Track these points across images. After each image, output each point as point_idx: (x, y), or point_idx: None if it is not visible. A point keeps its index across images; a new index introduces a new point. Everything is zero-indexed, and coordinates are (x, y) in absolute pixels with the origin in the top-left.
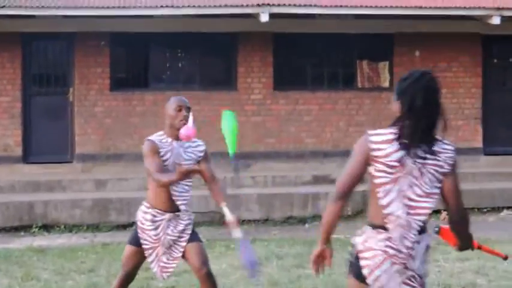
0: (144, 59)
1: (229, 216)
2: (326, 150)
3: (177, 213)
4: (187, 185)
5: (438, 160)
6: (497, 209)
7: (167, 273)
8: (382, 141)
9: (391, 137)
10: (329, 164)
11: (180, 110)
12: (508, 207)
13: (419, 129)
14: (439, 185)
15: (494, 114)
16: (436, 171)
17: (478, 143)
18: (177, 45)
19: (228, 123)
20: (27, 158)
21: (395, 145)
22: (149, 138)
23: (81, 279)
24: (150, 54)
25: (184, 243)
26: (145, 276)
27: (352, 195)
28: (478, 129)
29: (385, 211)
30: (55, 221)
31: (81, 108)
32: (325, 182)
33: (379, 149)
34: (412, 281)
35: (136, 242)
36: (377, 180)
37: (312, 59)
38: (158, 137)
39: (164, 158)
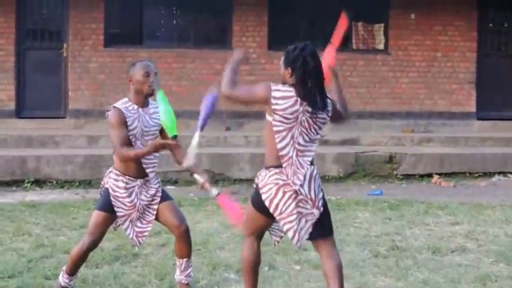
0: (138, 16)
1: (199, 178)
2: None
3: (147, 178)
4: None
5: (323, 113)
6: (489, 174)
7: (143, 238)
8: (281, 97)
9: (289, 94)
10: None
11: (148, 76)
12: (500, 173)
13: (310, 89)
14: (321, 132)
15: (488, 79)
16: (321, 122)
17: (472, 108)
18: (172, 2)
19: (163, 105)
20: (20, 112)
21: (291, 101)
22: (115, 105)
23: (72, 235)
24: (145, 11)
25: (156, 206)
26: None
27: (345, 158)
28: (471, 93)
29: (280, 153)
30: (47, 176)
31: (75, 63)
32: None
33: (277, 104)
34: (304, 204)
35: (108, 208)
36: (275, 128)
37: (307, 20)
38: (124, 104)
39: (131, 126)
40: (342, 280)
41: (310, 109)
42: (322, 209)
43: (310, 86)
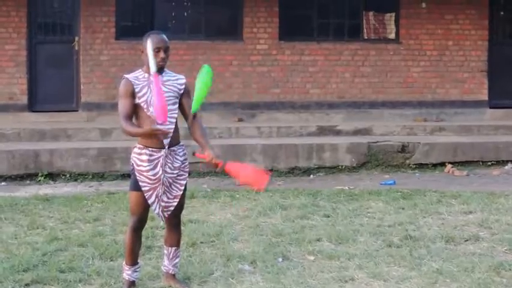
0: (149, 8)
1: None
2: (331, 101)
3: (172, 148)
4: (172, 117)
5: None
6: (502, 162)
7: (168, 212)
8: None
9: None
10: (334, 115)
11: (158, 51)
12: None
13: None
14: None
15: (500, 67)
16: None
17: (484, 96)
18: None
19: (203, 76)
20: (32, 106)
21: None
22: (126, 75)
23: (86, 228)
24: (156, 3)
25: (184, 181)
26: (151, 225)
27: (358, 148)
28: (483, 82)
29: None
30: (60, 170)
31: (87, 57)
32: (330, 133)
33: None
34: None
35: (139, 186)
36: None
37: (318, 10)
38: (135, 74)
39: (140, 93)
40: None
41: None
42: None
43: None
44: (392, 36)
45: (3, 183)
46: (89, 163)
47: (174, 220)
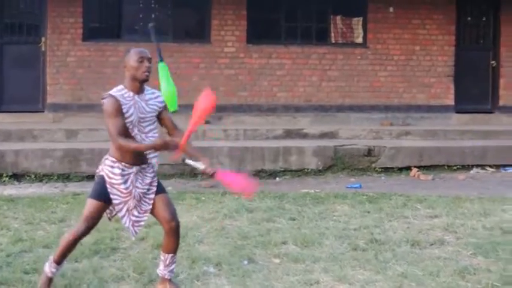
0: (117, 10)
1: (199, 165)
2: (298, 104)
3: (142, 165)
4: (154, 137)
5: None
6: (468, 167)
7: (139, 227)
8: None
9: None
10: (301, 118)
11: (142, 61)
12: (478, 165)
13: None
14: None
15: (466, 72)
16: None
17: (450, 101)
18: None
19: (164, 73)
20: None
21: None
22: (111, 93)
23: (51, 229)
24: (123, 5)
25: (152, 195)
26: (116, 227)
27: (324, 152)
28: (450, 86)
29: None
30: (26, 171)
31: (53, 58)
32: (296, 136)
33: None
34: None
35: (103, 197)
36: None
37: (286, 13)
38: (119, 91)
39: (128, 114)
40: None
41: None
42: None
43: None
44: (359, 40)
45: None
46: (55, 164)
47: (173, 222)
